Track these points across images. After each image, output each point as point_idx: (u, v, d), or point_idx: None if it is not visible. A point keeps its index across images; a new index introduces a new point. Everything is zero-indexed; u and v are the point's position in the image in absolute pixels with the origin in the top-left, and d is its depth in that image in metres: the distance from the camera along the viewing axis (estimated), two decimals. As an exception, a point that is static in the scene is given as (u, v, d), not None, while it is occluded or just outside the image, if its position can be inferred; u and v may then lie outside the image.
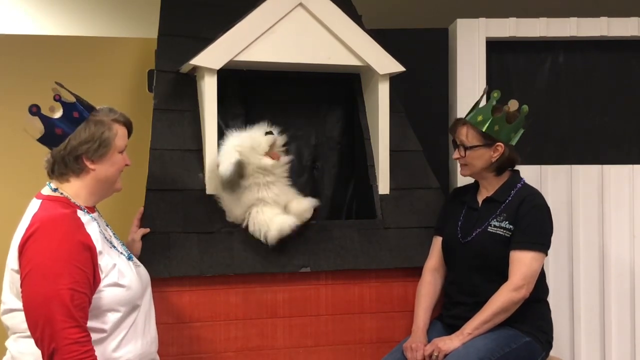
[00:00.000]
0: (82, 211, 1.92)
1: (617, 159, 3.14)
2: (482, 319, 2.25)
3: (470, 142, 2.39)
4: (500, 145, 2.37)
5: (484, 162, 2.39)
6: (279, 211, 2.40)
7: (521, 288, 2.24)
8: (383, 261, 2.54)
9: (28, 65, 3.18)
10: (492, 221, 2.36)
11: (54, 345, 1.70)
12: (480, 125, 2.36)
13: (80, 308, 1.75)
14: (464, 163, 2.43)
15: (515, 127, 2.39)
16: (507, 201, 2.37)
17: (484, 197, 2.45)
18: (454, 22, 3.14)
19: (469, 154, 2.39)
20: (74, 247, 1.79)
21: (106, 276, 1.87)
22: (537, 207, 2.33)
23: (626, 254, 3.05)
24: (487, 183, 2.45)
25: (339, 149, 2.89)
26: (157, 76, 2.64)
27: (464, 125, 2.41)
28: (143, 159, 2.50)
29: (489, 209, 2.40)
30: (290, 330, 2.49)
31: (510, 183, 2.42)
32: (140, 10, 3.93)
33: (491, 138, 2.36)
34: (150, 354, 2.02)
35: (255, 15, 2.46)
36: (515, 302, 2.25)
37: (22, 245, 1.78)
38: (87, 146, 1.91)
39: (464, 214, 2.46)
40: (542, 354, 2.32)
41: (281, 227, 2.35)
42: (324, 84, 2.83)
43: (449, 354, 2.21)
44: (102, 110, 1.99)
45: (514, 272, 2.26)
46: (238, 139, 2.40)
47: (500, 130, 2.35)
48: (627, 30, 3.10)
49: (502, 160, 2.39)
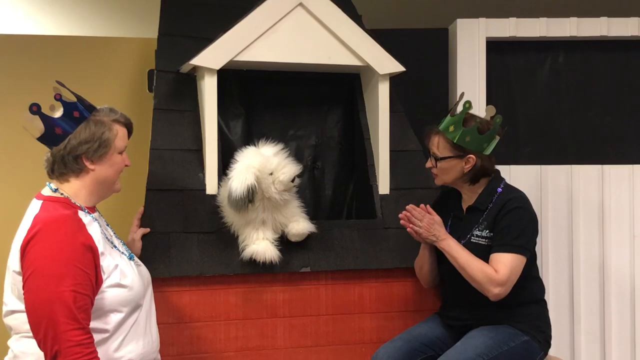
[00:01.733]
0: (83, 212, 1.92)
1: (617, 159, 3.14)
2: (460, 262, 2.24)
3: (442, 153, 2.34)
4: (471, 157, 2.32)
5: (456, 172, 2.36)
6: (269, 236, 2.37)
7: (503, 285, 2.19)
8: (383, 261, 2.54)
9: (28, 65, 3.18)
10: (475, 231, 2.34)
11: (57, 348, 1.69)
12: (452, 135, 2.30)
13: (83, 310, 1.75)
14: (437, 173, 2.40)
15: (488, 138, 2.32)
16: (488, 208, 2.34)
17: (467, 205, 2.42)
18: (454, 22, 3.14)
19: (440, 164, 2.35)
20: (76, 249, 1.78)
21: (108, 277, 1.87)
22: (515, 210, 2.28)
23: (626, 254, 3.05)
24: (466, 191, 2.42)
25: (339, 149, 2.89)
26: (157, 76, 2.64)
27: (436, 134, 2.36)
28: (143, 159, 2.50)
29: (472, 218, 2.38)
30: (290, 330, 2.49)
31: (490, 190, 2.37)
32: (140, 10, 3.93)
33: (463, 149, 2.31)
34: (152, 354, 2.02)
35: (255, 15, 2.46)
36: (492, 294, 2.20)
37: (24, 246, 1.78)
38: (87, 146, 1.91)
39: (451, 224, 2.44)
40: (540, 353, 2.32)
41: (256, 254, 2.33)
42: (324, 84, 2.83)
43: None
44: (102, 110, 1.98)
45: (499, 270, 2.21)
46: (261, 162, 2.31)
47: (471, 141, 2.30)
48: (627, 30, 3.10)
49: (474, 171, 2.34)
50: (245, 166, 2.29)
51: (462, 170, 2.35)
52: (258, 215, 2.35)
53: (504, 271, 2.21)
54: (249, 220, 2.36)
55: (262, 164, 2.30)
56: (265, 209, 2.36)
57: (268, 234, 2.37)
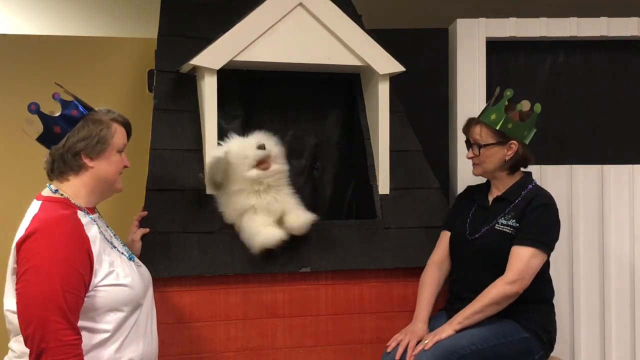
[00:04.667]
0: (82, 212, 1.92)
1: (617, 159, 3.14)
2: (474, 309, 2.26)
3: (485, 140, 2.39)
4: (514, 143, 2.38)
5: (497, 160, 2.40)
6: (270, 221, 2.38)
7: (515, 282, 2.24)
8: (383, 261, 2.54)
9: (28, 66, 3.18)
10: (500, 219, 2.37)
11: (44, 345, 1.69)
12: (494, 123, 2.36)
13: (74, 310, 1.75)
14: (478, 162, 2.44)
15: (529, 126, 2.39)
16: (516, 201, 2.38)
17: (494, 196, 2.46)
18: (454, 22, 3.14)
19: (483, 152, 2.39)
20: (73, 249, 1.78)
21: (106, 276, 1.87)
22: (543, 206, 2.33)
23: (626, 254, 3.05)
24: (499, 182, 2.46)
25: (339, 149, 2.89)
26: (157, 76, 2.64)
27: (477, 124, 2.42)
28: (143, 159, 2.50)
29: (498, 208, 2.41)
30: (290, 330, 2.49)
31: (522, 184, 2.42)
32: (140, 10, 3.93)
33: (505, 136, 2.37)
34: (151, 355, 2.02)
35: (255, 15, 2.46)
36: (508, 296, 2.25)
37: (19, 244, 1.78)
38: (85, 142, 1.91)
39: (474, 212, 2.47)
40: (540, 352, 2.32)
41: (266, 241, 2.34)
42: (324, 84, 2.84)
43: (439, 341, 2.22)
44: (100, 110, 2.00)
45: (511, 267, 2.26)
46: (231, 144, 2.39)
47: (514, 128, 2.36)
48: (627, 30, 3.10)
49: (515, 158, 2.40)
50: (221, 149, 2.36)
51: (504, 158, 2.39)
52: (245, 200, 2.36)
53: (515, 268, 2.25)
54: (239, 208, 2.36)
55: (234, 148, 2.35)
56: (251, 194, 2.36)
57: (265, 220, 2.37)
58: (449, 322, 2.27)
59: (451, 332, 2.23)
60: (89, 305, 1.83)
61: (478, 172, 2.46)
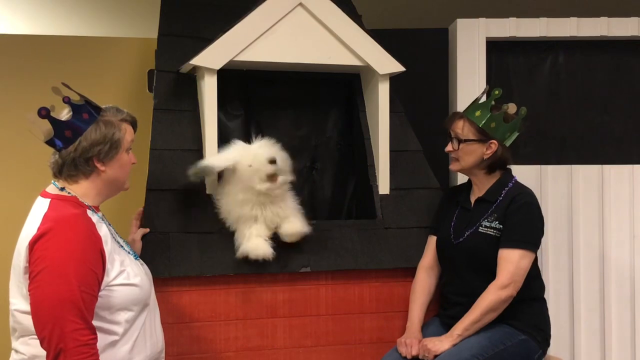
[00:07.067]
0: (91, 211, 1.91)
1: (617, 159, 3.14)
2: (472, 319, 2.25)
3: (465, 135, 2.38)
4: (494, 142, 2.36)
5: (475, 157, 2.38)
6: (265, 234, 2.37)
7: (508, 286, 2.24)
8: (383, 261, 2.54)
9: (28, 66, 3.18)
10: (483, 222, 2.36)
11: (62, 346, 1.68)
12: (478, 120, 2.35)
13: (90, 310, 1.75)
14: (456, 157, 2.43)
15: (512, 127, 2.38)
16: (497, 201, 2.37)
17: (476, 197, 2.45)
18: (454, 22, 3.14)
19: (462, 147, 2.39)
20: (87, 248, 1.78)
21: (118, 275, 1.87)
22: (525, 205, 2.32)
23: (626, 254, 3.05)
24: (477, 181, 2.45)
25: (339, 149, 2.89)
26: (157, 76, 2.64)
27: (460, 118, 2.41)
28: (143, 159, 2.49)
29: (480, 210, 2.40)
30: (290, 330, 2.49)
31: (502, 182, 2.41)
32: (140, 10, 3.93)
33: (486, 134, 2.36)
34: (157, 353, 2.02)
35: (255, 15, 2.46)
36: (503, 300, 2.25)
37: (32, 243, 1.75)
38: (98, 148, 1.90)
39: (457, 215, 2.47)
40: (538, 352, 2.32)
41: (251, 251, 2.33)
42: (324, 84, 2.83)
43: (439, 355, 2.21)
44: (109, 110, 1.97)
45: (501, 271, 2.26)
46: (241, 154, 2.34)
47: (496, 127, 2.35)
48: (627, 30, 3.10)
49: (494, 158, 2.38)
50: (227, 157, 2.33)
51: (482, 156, 2.37)
52: (249, 211, 2.35)
53: (506, 272, 2.24)
54: (240, 215, 2.35)
55: (245, 159, 2.31)
56: (256, 205, 2.35)
57: (261, 230, 2.36)
58: (448, 335, 2.26)
59: (448, 346, 2.22)
60: (101, 305, 1.82)
61: (455, 167, 2.45)
